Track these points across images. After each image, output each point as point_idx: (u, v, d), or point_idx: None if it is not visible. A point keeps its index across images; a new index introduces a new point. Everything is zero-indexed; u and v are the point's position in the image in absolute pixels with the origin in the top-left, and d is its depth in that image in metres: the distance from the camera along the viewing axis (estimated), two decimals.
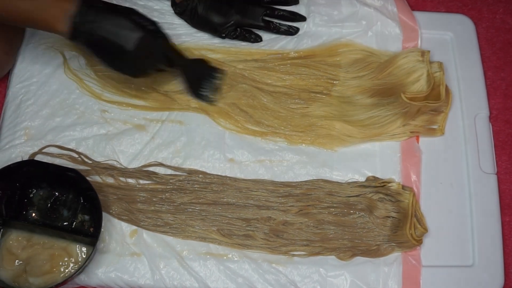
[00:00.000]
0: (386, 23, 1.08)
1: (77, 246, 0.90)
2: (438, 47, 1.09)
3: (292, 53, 1.06)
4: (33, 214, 0.92)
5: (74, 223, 0.92)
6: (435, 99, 0.96)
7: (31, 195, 0.93)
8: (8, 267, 0.88)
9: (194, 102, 1.01)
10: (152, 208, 0.94)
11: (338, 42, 1.06)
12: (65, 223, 0.92)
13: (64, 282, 0.85)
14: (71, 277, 0.85)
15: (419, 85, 0.98)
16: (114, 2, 1.06)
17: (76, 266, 0.89)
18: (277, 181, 0.97)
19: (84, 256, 0.89)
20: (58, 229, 0.90)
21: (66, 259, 0.89)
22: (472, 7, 1.17)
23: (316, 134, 1.00)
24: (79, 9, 0.81)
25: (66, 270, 0.88)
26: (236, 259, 0.92)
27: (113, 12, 0.84)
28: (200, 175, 0.96)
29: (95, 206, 0.88)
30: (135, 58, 0.86)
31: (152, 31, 0.86)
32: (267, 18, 1.06)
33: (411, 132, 1.00)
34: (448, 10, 1.16)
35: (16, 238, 0.90)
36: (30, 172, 0.90)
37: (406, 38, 1.07)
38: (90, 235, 0.90)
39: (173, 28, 1.07)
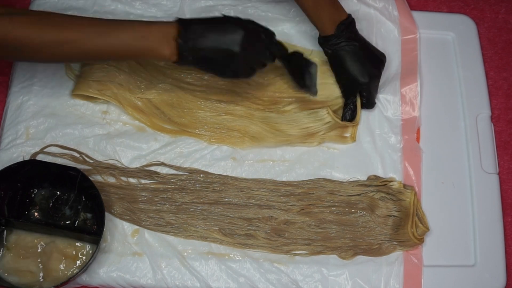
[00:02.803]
0: (385, 24, 1.08)
1: (80, 244, 0.90)
2: (439, 47, 1.09)
3: None
4: (36, 214, 0.92)
5: (77, 221, 0.92)
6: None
7: (33, 195, 0.93)
8: (21, 271, 0.88)
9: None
10: (154, 207, 0.94)
11: None
12: (67, 222, 0.92)
13: (67, 281, 0.85)
14: (76, 275, 0.85)
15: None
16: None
17: (77, 265, 0.89)
18: (279, 181, 0.97)
19: (87, 255, 0.89)
20: (60, 228, 0.90)
21: (69, 258, 0.89)
22: (474, 7, 1.17)
23: (227, 134, 1.00)
24: (180, 30, 0.82)
25: (70, 269, 0.88)
26: (237, 258, 0.92)
27: (208, 22, 0.85)
28: (202, 175, 0.97)
29: (97, 204, 0.88)
30: (243, 59, 0.86)
31: (251, 28, 0.87)
32: None
33: (321, 139, 1.00)
34: (450, 10, 1.16)
35: (21, 239, 0.90)
36: (32, 172, 0.90)
37: (405, 40, 1.07)
38: (93, 233, 0.90)
39: None
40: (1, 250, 0.89)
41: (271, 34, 0.90)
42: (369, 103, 1.01)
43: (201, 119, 1.00)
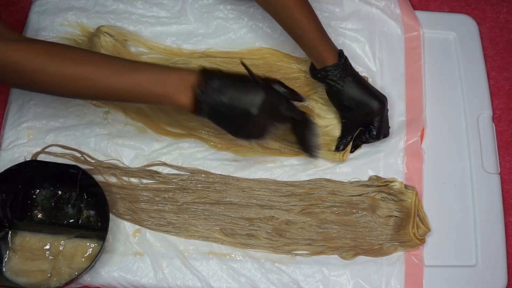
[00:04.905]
0: (388, 23, 1.08)
1: (86, 242, 0.90)
2: (441, 47, 1.09)
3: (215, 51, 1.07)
4: (39, 215, 0.92)
5: (80, 219, 0.92)
6: None
7: (34, 196, 0.93)
8: (29, 272, 0.88)
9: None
10: (155, 207, 0.94)
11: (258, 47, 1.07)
12: (71, 221, 0.92)
13: (77, 277, 0.85)
14: (84, 271, 0.85)
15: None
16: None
17: (83, 261, 0.89)
18: (280, 181, 0.97)
19: (93, 252, 0.89)
20: (64, 226, 0.91)
21: (76, 256, 0.89)
22: (476, 6, 1.16)
23: (232, 141, 0.99)
24: (200, 80, 0.79)
25: (77, 266, 0.88)
26: (239, 258, 0.92)
27: (231, 78, 0.81)
28: (203, 175, 0.97)
29: (100, 201, 0.89)
30: (259, 122, 0.82)
31: (271, 90, 0.83)
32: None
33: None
34: (452, 9, 1.16)
35: (26, 241, 0.90)
36: (32, 172, 0.90)
37: (408, 38, 1.07)
38: (98, 229, 0.90)
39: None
40: (7, 253, 0.89)
41: (287, 97, 0.86)
42: (384, 131, 0.96)
43: (211, 125, 0.99)
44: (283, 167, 0.98)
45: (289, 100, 0.86)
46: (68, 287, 0.89)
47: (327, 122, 1.01)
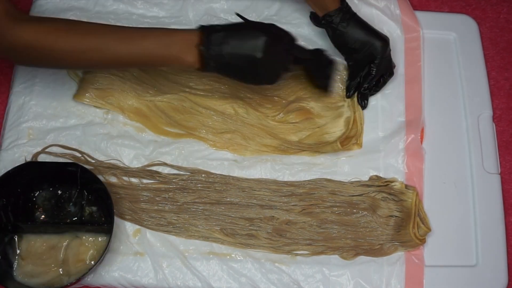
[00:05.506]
0: (387, 24, 1.08)
1: (92, 237, 0.90)
2: (441, 47, 1.09)
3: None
4: (42, 216, 0.92)
5: (83, 217, 0.92)
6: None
7: (35, 198, 0.93)
8: (41, 274, 0.88)
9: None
10: (155, 207, 0.94)
11: None
12: (74, 219, 0.92)
13: (87, 273, 0.85)
14: (94, 266, 0.85)
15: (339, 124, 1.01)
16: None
17: (89, 262, 0.89)
18: (280, 181, 0.97)
19: (98, 248, 0.90)
20: (68, 225, 0.91)
21: (82, 254, 0.89)
22: (476, 6, 1.16)
23: (230, 140, 1.00)
24: (202, 37, 0.82)
25: (84, 264, 0.89)
26: (239, 258, 0.92)
27: (230, 28, 0.85)
28: (203, 175, 0.97)
29: (101, 196, 0.89)
30: (266, 64, 0.85)
31: (272, 32, 0.86)
32: None
33: (332, 148, 1.00)
34: (452, 10, 1.16)
35: (31, 244, 0.90)
36: (30, 173, 0.90)
37: (408, 39, 1.07)
38: (103, 223, 0.90)
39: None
40: (16, 258, 0.89)
41: (292, 38, 0.89)
42: (388, 70, 1.01)
43: (209, 124, 1.00)
44: (284, 167, 0.98)
45: (293, 41, 0.89)
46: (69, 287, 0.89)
47: (326, 120, 1.01)
